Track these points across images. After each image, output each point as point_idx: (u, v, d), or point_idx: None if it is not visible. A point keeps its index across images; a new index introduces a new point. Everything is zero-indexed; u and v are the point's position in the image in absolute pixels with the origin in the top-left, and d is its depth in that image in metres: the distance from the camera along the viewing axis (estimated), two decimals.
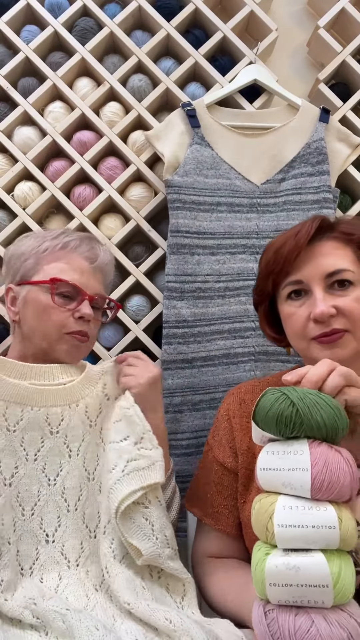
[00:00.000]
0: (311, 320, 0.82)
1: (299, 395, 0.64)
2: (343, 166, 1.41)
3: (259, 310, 0.95)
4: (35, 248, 1.00)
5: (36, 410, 0.91)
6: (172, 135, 1.37)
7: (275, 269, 0.86)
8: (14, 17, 1.44)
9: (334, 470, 0.61)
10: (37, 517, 0.88)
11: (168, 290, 1.32)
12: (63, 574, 0.86)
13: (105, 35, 1.44)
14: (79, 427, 0.93)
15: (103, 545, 0.87)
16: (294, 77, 1.59)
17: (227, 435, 0.94)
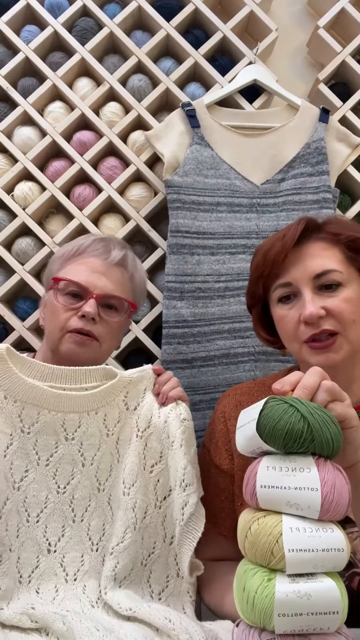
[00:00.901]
0: (302, 323, 0.81)
1: (308, 409, 0.61)
2: (343, 166, 1.41)
3: (252, 313, 0.95)
4: (58, 254, 1.03)
5: (53, 414, 0.88)
6: (172, 135, 1.37)
7: (264, 272, 0.86)
8: (14, 17, 1.44)
9: (339, 490, 0.59)
10: (42, 524, 0.87)
11: (168, 290, 1.32)
12: (60, 587, 0.85)
13: (105, 35, 1.44)
14: (95, 436, 0.90)
15: (106, 566, 0.85)
16: (294, 77, 1.59)
17: (223, 437, 0.94)
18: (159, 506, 0.89)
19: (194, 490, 0.86)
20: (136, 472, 0.88)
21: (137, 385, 0.93)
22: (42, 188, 1.42)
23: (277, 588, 0.55)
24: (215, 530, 0.93)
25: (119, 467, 0.90)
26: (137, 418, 0.91)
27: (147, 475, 0.89)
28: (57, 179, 1.41)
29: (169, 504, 0.89)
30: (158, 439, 0.90)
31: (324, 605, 0.56)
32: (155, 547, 0.89)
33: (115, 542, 0.86)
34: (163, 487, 0.89)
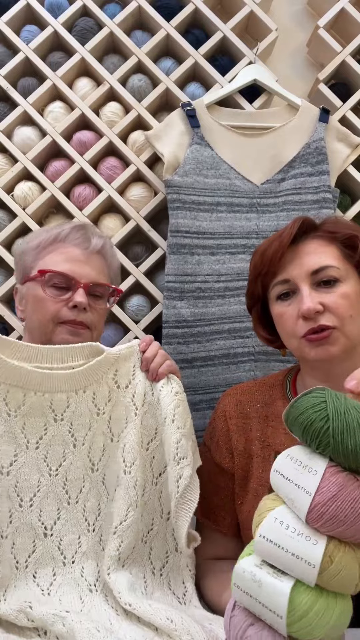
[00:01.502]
0: (300, 318, 0.83)
1: (342, 409, 0.56)
2: (343, 166, 1.41)
3: (252, 313, 0.96)
4: (31, 244, 1.01)
5: (39, 396, 0.86)
6: (171, 135, 1.37)
7: (262, 270, 0.87)
8: (14, 17, 1.44)
9: (344, 506, 0.55)
10: (36, 508, 0.86)
11: (168, 290, 1.32)
12: (57, 571, 0.85)
13: (105, 35, 1.44)
14: (85, 415, 0.88)
15: (111, 546, 0.84)
16: (294, 77, 1.59)
17: (223, 436, 0.94)
18: (155, 482, 0.90)
19: (188, 463, 0.85)
20: (136, 450, 0.87)
21: (126, 362, 0.91)
22: (42, 188, 1.42)
23: (240, 562, 0.59)
24: (215, 528, 0.93)
25: (113, 447, 0.89)
26: (132, 396, 0.90)
27: (144, 452, 0.89)
28: (57, 179, 1.41)
29: (164, 480, 0.89)
30: (152, 415, 0.90)
31: (270, 602, 0.56)
32: (153, 524, 0.89)
33: (118, 521, 0.85)
34: (158, 463, 0.90)
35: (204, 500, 0.95)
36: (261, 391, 0.96)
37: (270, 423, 0.91)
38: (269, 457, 0.88)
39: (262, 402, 0.94)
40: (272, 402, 0.93)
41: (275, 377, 0.99)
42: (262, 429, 0.91)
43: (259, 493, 0.87)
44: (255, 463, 0.90)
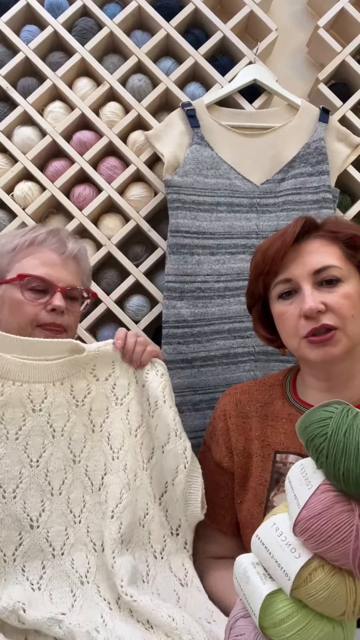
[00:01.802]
0: (301, 318, 0.82)
1: (343, 429, 0.54)
2: (343, 166, 1.41)
3: (252, 312, 0.96)
4: (7, 247, 1.02)
5: (18, 386, 0.87)
6: (171, 135, 1.37)
7: (264, 269, 0.87)
8: (13, 17, 1.44)
9: (327, 527, 0.54)
10: (20, 500, 0.85)
11: (168, 290, 1.32)
12: (47, 564, 0.84)
13: (105, 35, 1.44)
14: (63, 406, 0.90)
15: (111, 529, 0.85)
16: (294, 77, 1.59)
17: (223, 435, 0.95)
18: (145, 468, 0.92)
19: (186, 437, 0.93)
20: (122, 436, 0.91)
21: (105, 358, 0.94)
22: (42, 188, 1.42)
23: (242, 555, 0.62)
24: (215, 526, 0.93)
25: (95, 437, 0.91)
26: (112, 388, 0.93)
27: (133, 439, 0.92)
28: (57, 179, 1.41)
29: (153, 465, 0.92)
30: (138, 403, 0.94)
31: (250, 599, 0.59)
32: (148, 508, 0.91)
33: (114, 504, 0.86)
34: (147, 448, 0.93)
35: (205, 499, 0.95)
36: (261, 391, 0.96)
37: (270, 422, 0.91)
38: (269, 456, 0.89)
39: (262, 402, 0.94)
40: (271, 402, 0.93)
41: (275, 377, 0.99)
42: (261, 428, 0.91)
43: (258, 492, 0.87)
44: (254, 462, 0.90)
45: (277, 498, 0.85)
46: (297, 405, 0.90)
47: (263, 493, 0.87)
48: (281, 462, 0.87)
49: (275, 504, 0.85)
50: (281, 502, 0.83)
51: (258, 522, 0.85)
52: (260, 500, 0.87)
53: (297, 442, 0.86)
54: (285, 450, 0.88)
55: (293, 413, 0.90)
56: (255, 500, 0.88)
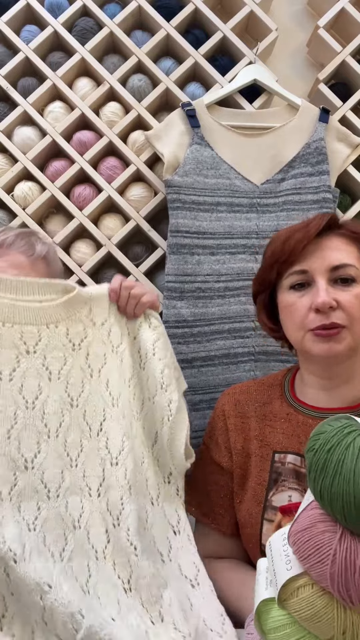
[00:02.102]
0: (311, 311, 0.82)
1: (330, 446, 0.52)
2: (343, 166, 1.41)
3: (257, 300, 0.96)
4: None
5: (9, 327, 0.86)
6: (171, 135, 1.37)
7: (281, 258, 0.87)
8: (14, 17, 1.44)
9: (308, 545, 0.53)
10: (15, 440, 0.83)
11: (168, 290, 1.32)
12: (42, 505, 0.82)
13: (105, 35, 1.44)
14: (59, 349, 0.89)
15: (117, 476, 0.85)
16: (294, 77, 1.59)
17: (222, 435, 0.95)
18: (138, 418, 0.92)
19: (174, 389, 0.92)
20: (118, 385, 0.90)
21: (100, 302, 0.93)
22: (42, 188, 1.42)
23: (262, 558, 0.62)
24: (214, 526, 0.93)
25: (94, 382, 0.90)
26: (109, 334, 0.93)
27: (127, 389, 0.92)
28: (57, 178, 1.41)
29: (144, 415, 0.93)
30: (130, 354, 0.93)
31: (255, 600, 0.59)
32: (144, 456, 0.91)
33: (117, 451, 0.87)
34: (138, 400, 0.93)
35: (204, 499, 0.95)
36: (260, 391, 0.96)
37: (268, 422, 0.91)
38: (267, 456, 0.89)
39: (261, 402, 0.94)
40: (270, 402, 0.93)
41: (274, 377, 0.99)
42: (260, 428, 0.91)
43: (257, 492, 0.88)
44: (253, 462, 0.90)
45: (275, 498, 0.86)
46: (295, 405, 0.90)
47: (262, 493, 0.87)
48: (279, 461, 0.87)
49: (274, 503, 0.85)
50: (280, 502, 0.84)
51: (257, 521, 0.86)
52: (259, 500, 0.87)
53: (296, 442, 0.87)
54: (283, 450, 0.88)
55: (291, 413, 0.90)
56: (254, 500, 0.88)
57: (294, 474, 0.85)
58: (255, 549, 0.86)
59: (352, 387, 0.87)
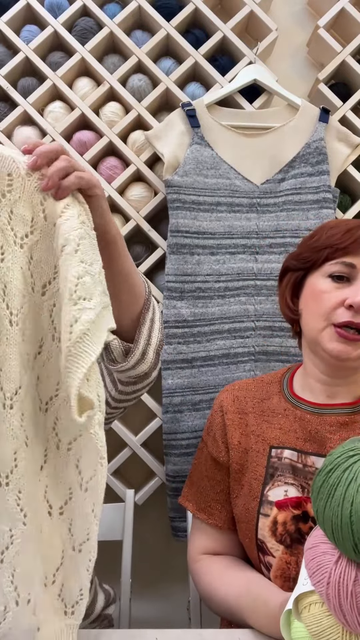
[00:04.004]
0: (342, 306, 0.82)
1: (331, 467, 0.52)
2: (343, 166, 1.41)
3: (286, 276, 0.94)
4: None
5: None
6: (171, 135, 1.37)
7: (339, 245, 0.85)
8: (14, 17, 1.44)
9: (312, 565, 0.53)
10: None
11: (168, 290, 1.32)
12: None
13: (105, 35, 1.44)
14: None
15: (13, 423, 0.64)
16: (294, 77, 1.59)
17: (220, 430, 0.95)
18: (58, 338, 0.65)
19: (91, 307, 0.61)
20: (22, 293, 0.65)
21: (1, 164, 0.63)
22: None
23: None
24: (211, 522, 0.94)
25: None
26: (9, 216, 0.63)
27: (38, 298, 0.66)
28: None
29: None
30: (48, 248, 0.64)
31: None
32: (58, 389, 0.68)
33: (13, 389, 0.64)
34: (58, 311, 0.65)
35: (200, 494, 0.95)
36: (259, 388, 0.97)
37: (266, 418, 0.92)
38: (264, 451, 0.89)
39: (259, 398, 0.95)
40: (268, 398, 0.94)
41: (274, 375, 1.00)
42: (257, 423, 0.92)
43: (253, 487, 0.88)
44: (250, 457, 0.90)
45: (271, 493, 0.86)
46: (292, 401, 0.91)
47: (258, 488, 0.87)
48: (276, 457, 0.87)
49: (270, 498, 0.85)
50: (276, 497, 0.84)
51: (253, 516, 0.86)
52: (255, 495, 0.87)
53: (292, 437, 0.87)
54: (280, 445, 0.88)
55: (289, 408, 0.90)
56: (250, 495, 0.88)
57: (290, 469, 0.85)
58: (252, 544, 0.87)
59: (352, 384, 0.88)
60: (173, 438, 1.30)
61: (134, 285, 0.77)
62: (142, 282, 0.80)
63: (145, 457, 1.36)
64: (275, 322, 1.32)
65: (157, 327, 0.82)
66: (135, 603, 1.26)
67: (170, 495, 1.32)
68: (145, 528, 1.48)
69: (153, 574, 1.49)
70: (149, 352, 0.80)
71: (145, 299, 0.80)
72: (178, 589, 1.45)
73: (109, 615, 1.01)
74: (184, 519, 1.28)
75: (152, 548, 1.48)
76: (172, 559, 1.47)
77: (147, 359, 0.80)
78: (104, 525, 0.94)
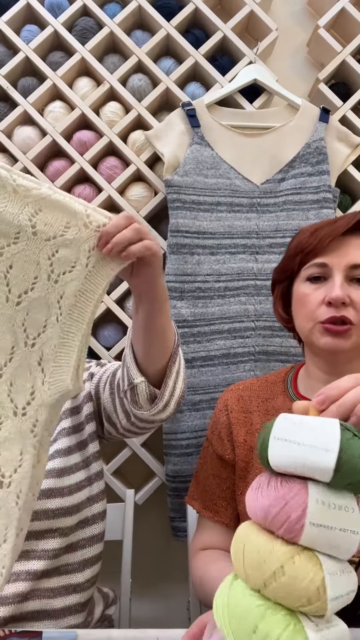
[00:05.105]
0: (324, 304, 0.85)
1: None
2: (343, 166, 1.41)
3: (275, 289, 0.98)
4: None
5: None
6: (172, 135, 1.37)
7: (307, 249, 0.89)
8: (14, 17, 1.45)
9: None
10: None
11: (168, 290, 1.32)
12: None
13: (105, 35, 1.44)
14: None
15: None
16: (294, 77, 1.59)
17: (225, 428, 0.96)
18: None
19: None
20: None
21: (63, 211, 0.65)
22: None
23: (309, 636, 0.50)
24: (217, 519, 0.94)
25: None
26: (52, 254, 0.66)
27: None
28: (57, 178, 1.41)
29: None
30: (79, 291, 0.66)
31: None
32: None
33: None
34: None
35: (206, 492, 0.96)
36: (262, 387, 0.97)
37: (270, 417, 0.92)
38: None
39: (263, 397, 0.95)
40: (272, 397, 0.95)
41: (277, 374, 1.00)
42: (262, 422, 0.92)
43: None
44: (255, 455, 0.91)
45: None
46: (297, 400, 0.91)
47: None
48: None
49: None
50: None
51: None
52: None
53: None
54: None
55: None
56: None
57: None
58: None
59: None
60: (173, 438, 1.30)
61: (166, 340, 0.80)
62: (173, 336, 0.83)
63: (145, 457, 1.36)
64: (275, 322, 1.32)
65: (181, 379, 0.85)
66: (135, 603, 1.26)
67: (170, 495, 1.32)
68: (145, 528, 1.48)
69: (153, 574, 1.49)
70: (171, 403, 0.83)
71: (173, 351, 0.82)
72: (178, 589, 1.45)
73: (109, 615, 1.01)
74: (184, 519, 1.28)
75: (152, 548, 1.48)
76: (172, 559, 1.47)
77: (168, 410, 0.84)
78: None
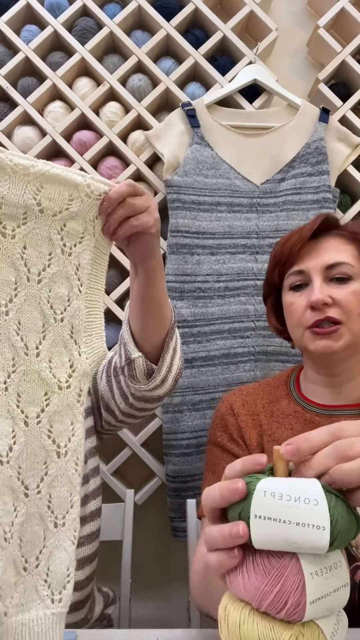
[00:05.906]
0: (308, 309, 0.85)
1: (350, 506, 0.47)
2: (343, 166, 1.41)
3: (267, 302, 0.99)
4: None
5: None
6: (171, 135, 1.37)
7: (281, 260, 0.90)
8: (13, 17, 1.45)
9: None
10: None
11: (168, 290, 1.32)
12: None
13: (105, 35, 1.44)
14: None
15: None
16: (294, 77, 1.59)
17: (236, 431, 0.95)
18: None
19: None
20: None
21: (64, 186, 0.66)
22: None
23: None
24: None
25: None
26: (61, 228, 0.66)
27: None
28: None
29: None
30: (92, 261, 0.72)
31: None
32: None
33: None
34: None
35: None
36: (266, 391, 0.97)
37: (276, 419, 0.92)
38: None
39: (268, 400, 0.95)
40: (277, 400, 0.94)
41: (279, 378, 1.00)
42: (269, 423, 0.92)
43: None
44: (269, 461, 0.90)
45: None
46: (302, 403, 0.91)
47: None
48: None
49: None
50: None
51: None
52: None
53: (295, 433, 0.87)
54: None
55: (299, 410, 0.90)
56: None
57: None
58: None
59: (356, 385, 0.88)
60: (173, 438, 1.30)
61: (162, 314, 0.81)
62: (170, 313, 0.84)
63: (145, 457, 1.36)
64: None
65: (179, 356, 0.86)
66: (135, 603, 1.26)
67: (170, 495, 1.32)
68: (145, 528, 1.48)
69: (153, 574, 1.49)
70: (168, 379, 0.84)
71: (170, 327, 0.83)
72: (178, 589, 1.45)
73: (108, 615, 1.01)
74: (183, 519, 1.28)
75: (152, 548, 1.48)
76: (172, 559, 1.47)
77: (166, 385, 0.84)
78: (103, 525, 0.94)
